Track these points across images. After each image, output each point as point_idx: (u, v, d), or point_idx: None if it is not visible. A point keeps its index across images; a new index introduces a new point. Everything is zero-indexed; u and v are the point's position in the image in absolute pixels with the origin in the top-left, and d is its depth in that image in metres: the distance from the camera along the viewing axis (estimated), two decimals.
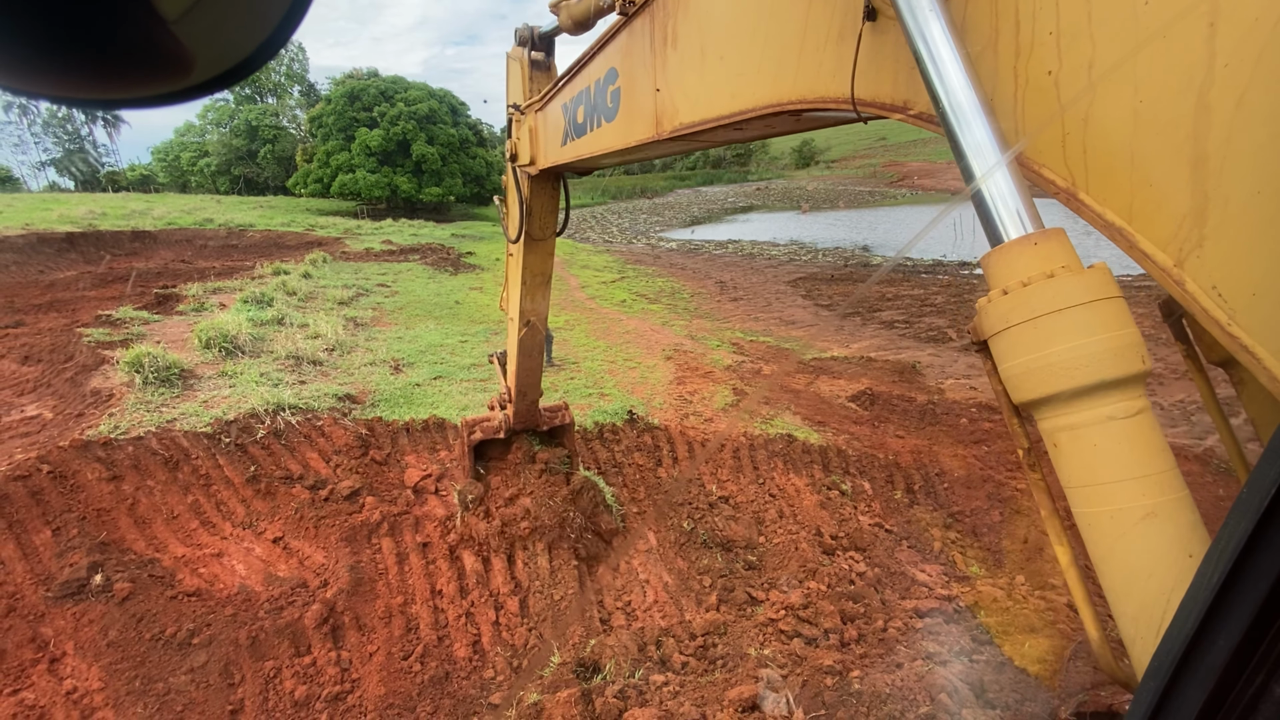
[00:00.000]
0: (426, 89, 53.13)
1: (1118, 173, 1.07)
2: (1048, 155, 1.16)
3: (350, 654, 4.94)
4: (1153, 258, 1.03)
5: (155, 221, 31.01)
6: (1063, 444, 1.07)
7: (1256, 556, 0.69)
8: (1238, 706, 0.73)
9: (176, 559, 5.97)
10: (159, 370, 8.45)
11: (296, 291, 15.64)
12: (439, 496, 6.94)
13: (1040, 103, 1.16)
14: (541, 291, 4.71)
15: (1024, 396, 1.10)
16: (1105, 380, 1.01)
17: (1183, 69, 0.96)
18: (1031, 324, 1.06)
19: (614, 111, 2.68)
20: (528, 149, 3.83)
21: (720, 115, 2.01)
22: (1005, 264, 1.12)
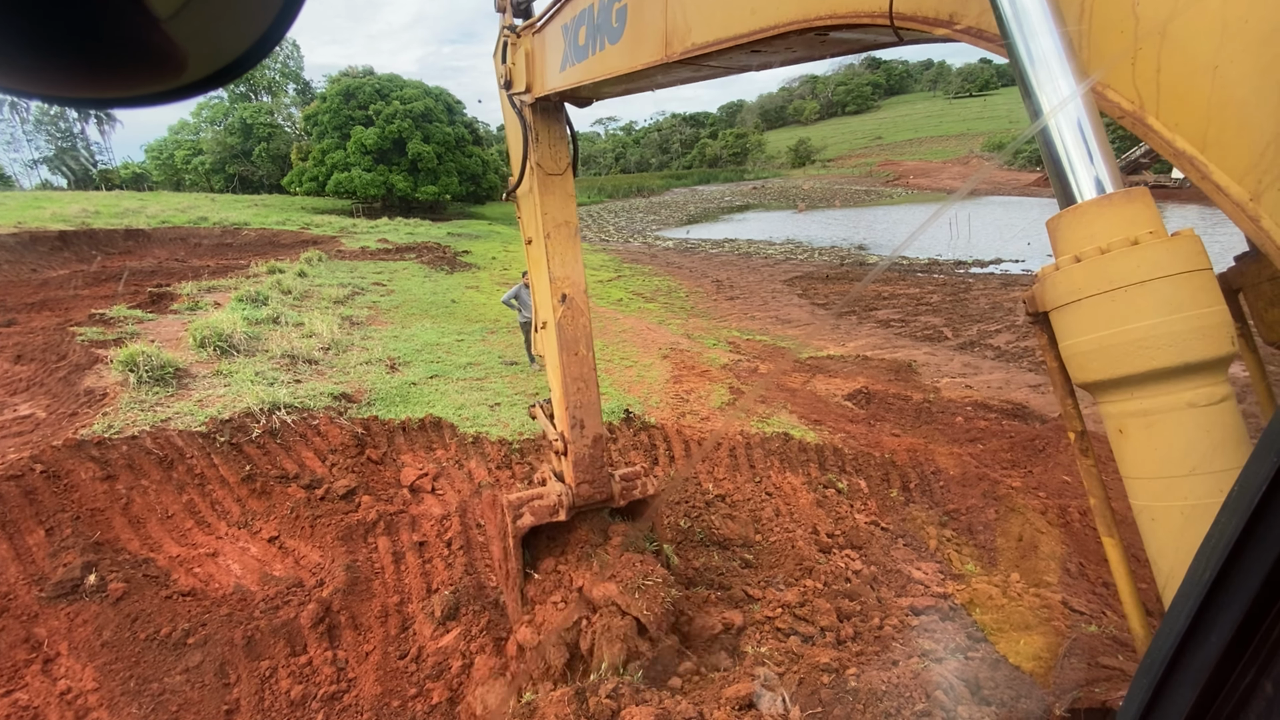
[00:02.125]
0: (422, 87, 52.98)
1: (1195, 93, 0.93)
2: (1116, 75, 1.01)
3: (346, 653, 4.93)
4: (1226, 190, 0.92)
5: (149, 220, 30.84)
6: (1131, 431, 0.98)
7: (1248, 554, 0.69)
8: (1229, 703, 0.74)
9: (171, 559, 5.95)
10: (153, 369, 8.41)
11: (292, 290, 15.59)
12: (435, 495, 6.94)
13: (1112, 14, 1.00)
14: (570, 248, 3.71)
15: (1090, 376, 1.00)
16: (1189, 363, 0.90)
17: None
18: (1108, 296, 0.95)
19: (619, 32, 2.46)
20: (523, 74, 3.46)
21: (737, 34, 1.81)
22: (1080, 227, 0.99)
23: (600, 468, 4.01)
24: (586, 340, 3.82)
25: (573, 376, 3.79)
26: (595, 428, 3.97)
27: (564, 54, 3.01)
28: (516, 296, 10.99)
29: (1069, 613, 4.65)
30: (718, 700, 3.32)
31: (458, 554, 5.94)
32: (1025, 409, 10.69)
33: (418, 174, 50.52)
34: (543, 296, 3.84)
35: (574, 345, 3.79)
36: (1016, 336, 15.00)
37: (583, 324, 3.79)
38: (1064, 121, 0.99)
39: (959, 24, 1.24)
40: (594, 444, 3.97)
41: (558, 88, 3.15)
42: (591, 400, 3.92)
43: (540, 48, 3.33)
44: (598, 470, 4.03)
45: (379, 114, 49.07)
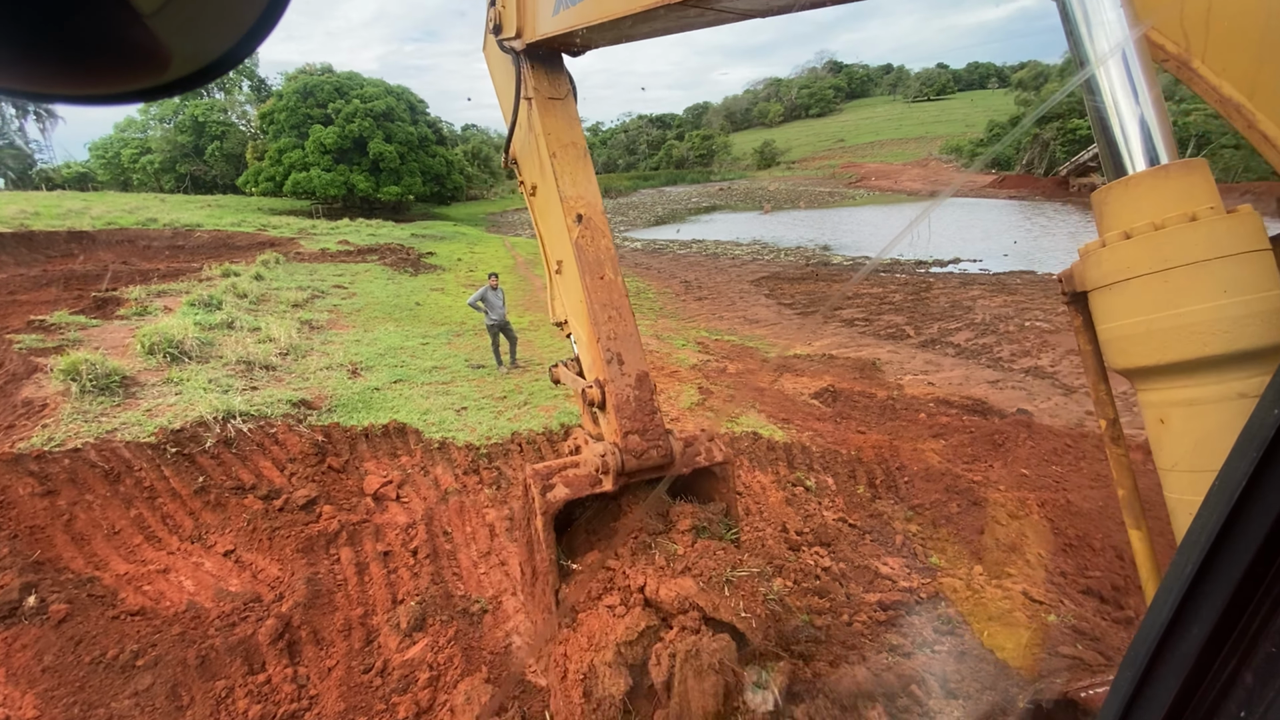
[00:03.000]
0: (383, 85, 52.02)
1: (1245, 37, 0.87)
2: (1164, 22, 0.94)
3: (308, 669, 4.76)
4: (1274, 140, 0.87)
5: (94, 221, 29.53)
6: (1174, 420, 0.91)
7: (1228, 548, 0.70)
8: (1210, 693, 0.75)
9: (119, 577, 5.67)
10: (98, 378, 8.02)
11: (247, 294, 15.09)
12: (400, 503, 6.77)
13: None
14: (580, 167, 3.16)
15: (1133, 362, 0.93)
16: (1244, 350, 0.83)
17: None
18: (1161, 276, 0.87)
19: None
20: (514, 18, 3.10)
21: None
22: (1131, 201, 0.91)
23: (651, 414, 2.97)
24: (612, 264, 3.12)
25: (601, 303, 3.02)
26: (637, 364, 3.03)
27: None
28: (483, 298, 10.82)
29: (1030, 603, 4.77)
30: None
31: (424, 563, 5.80)
32: (985, 404, 10.97)
33: (379, 174, 49.60)
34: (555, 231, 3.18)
35: (598, 268, 3.07)
36: (975, 334, 15.40)
37: (604, 245, 3.12)
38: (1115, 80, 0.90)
39: None
40: (639, 384, 2.99)
41: (551, 32, 2.84)
42: (628, 331, 3.07)
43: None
44: (648, 417, 2.95)
45: (338, 113, 48.01)
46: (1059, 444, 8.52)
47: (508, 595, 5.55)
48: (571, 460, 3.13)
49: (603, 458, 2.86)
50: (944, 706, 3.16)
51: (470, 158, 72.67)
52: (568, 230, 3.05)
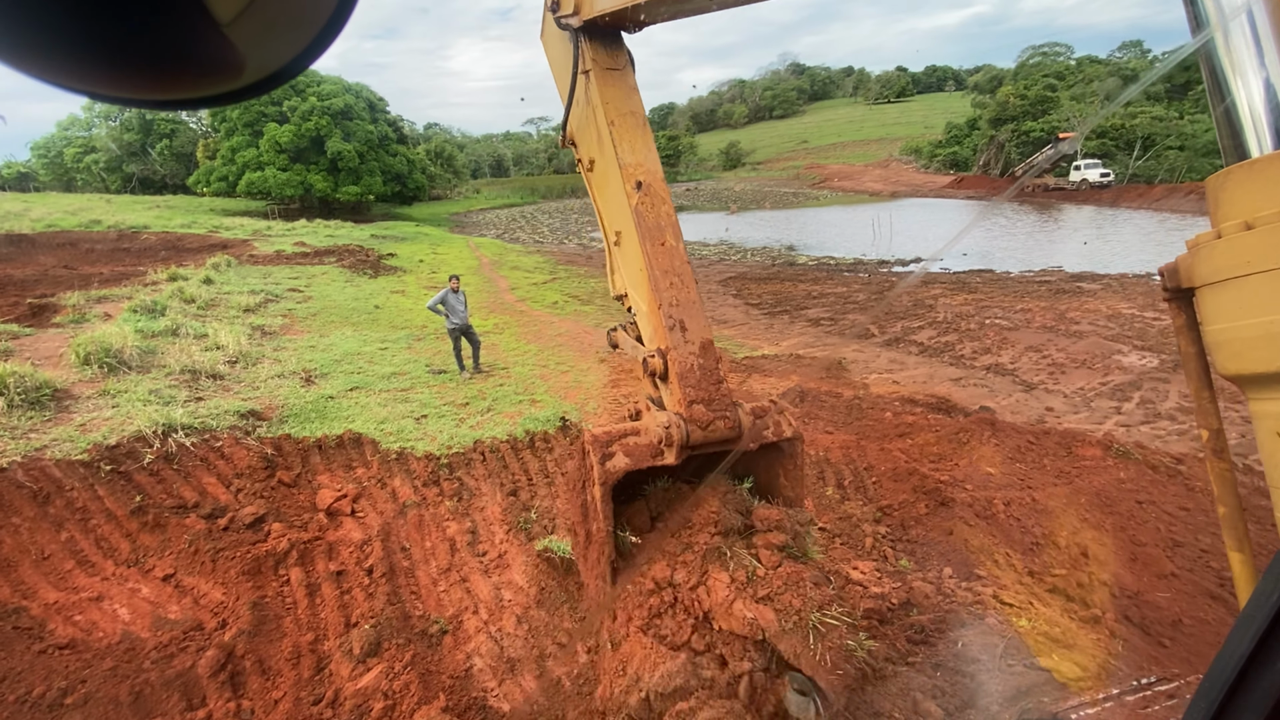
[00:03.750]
0: (341, 83, 50.73)
1: None
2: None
3: (252, 703, 4.46)
4: None
5: (33, 224, 28.09)
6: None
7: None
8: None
9: (47, 606, 5.27)
10: (26, 391, 7.50)
11: (195, 299, 14.42)
12: (355, 518, 6.47)
13: None
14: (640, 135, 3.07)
15: (1248, 367, 0.83)
16: None
17: None
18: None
19: None
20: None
21: None
22: (1255, 186, 0.80)
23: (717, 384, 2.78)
24: (674, 230, 3.01)
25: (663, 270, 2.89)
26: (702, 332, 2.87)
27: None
28: (443, 301, 10.50)
29: (1001, 605, 4.75)
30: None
31: (379, 582, 5.52)
32: (949, 402, 11.10)
33: (338, 173, 48.35)
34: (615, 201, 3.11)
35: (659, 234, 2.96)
36: (938, 332, 15.63)
37: (665, 212, 3.02)
38: (1241, 48, 0.77)
39: None
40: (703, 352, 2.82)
41: (608, 8, 2.74)
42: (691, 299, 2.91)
43: None
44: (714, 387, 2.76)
45: (294, 110, 46.63)
46: (1021, 441, 8.64)
47: (469, 614, 5.32)
48: (632, 428, 2.89)
49: (666, 429, 2.63)
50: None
51: (433, 157, 71.39)
52: (627, 197, 2.94)
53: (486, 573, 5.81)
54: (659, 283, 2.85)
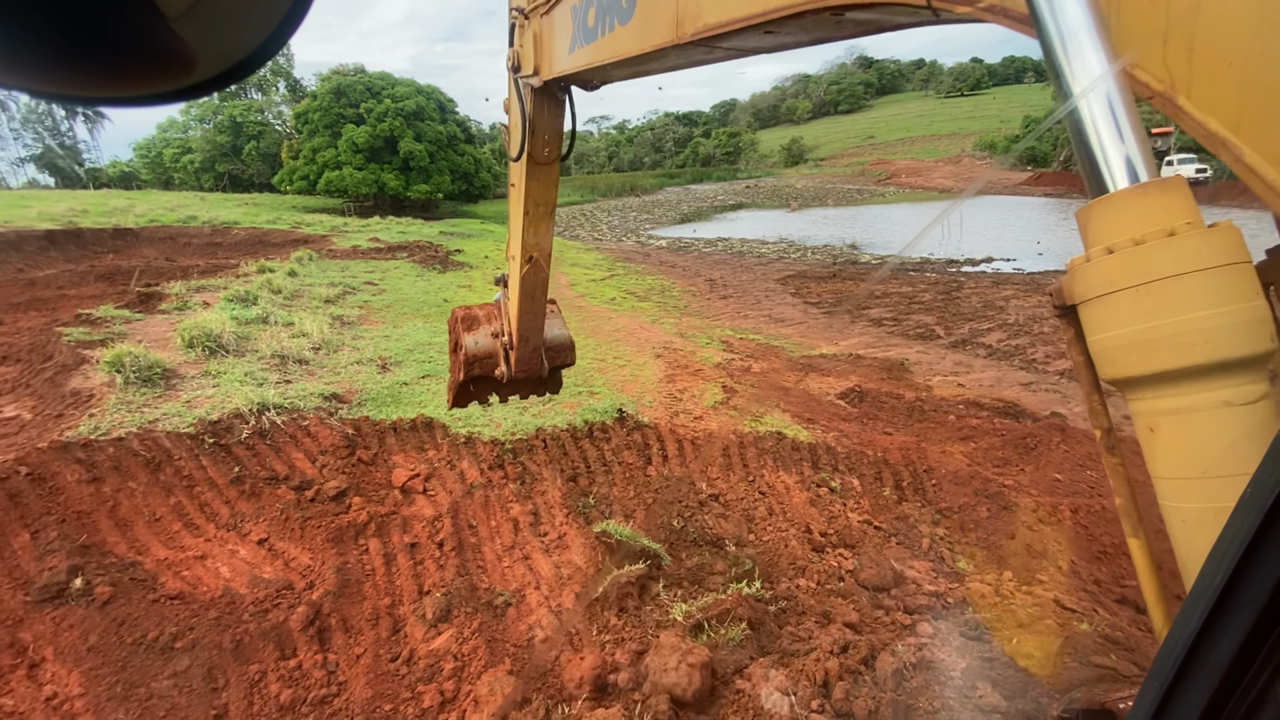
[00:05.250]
0: (414, 85, 52.74)
1: (1229, 74, 0.90)
2: (1148, 56, 0.97)
3: (337, 656, 4.88)
4: (1260, 173, 0.88)
5: (137, 219, 30.56)
6: (1163, 429, 0.94)
7: (1260, 556, 0.68)
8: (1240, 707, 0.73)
9: (159, 562, 5.88)
10: (140, 370, 8.32)
11: (282, 290, 15.46)
12: (427, 496, 6.89)
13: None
14: (545, 224, 4.19)
15: (1120, 372, 0.97)
16: (1227, 359, 0.87)
17: None
18: (1142, 290, 0.91)
19: (629, 12, 2.40)
20: (531, 57, 3.44)
21: (751, 14, 1.74)
22: (1112, 217, 0.95)
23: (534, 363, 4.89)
24: (543, 289, 4.46)
25: (527, 312, 4.56)
26: (535, 340, 4.80)
27: (573, 36, 2.95)
28: None
29: (1061, 610, 4.66)
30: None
31: (449, 555, 5.90)
32: (1017, 407, 10.73)
33: (409, 172, 50.32)
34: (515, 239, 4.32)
35: (531, 292, 4.43)
36: (1008, 335, 15.06)
37: (541, 279, 4.38)
38: (1096, 106, 0.95)
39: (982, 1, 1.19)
40: (533, 351, 4.82)
41: (566, 70, 3.09)
42: (537, 325, 4.74)
43: (549, 30, 3.27)
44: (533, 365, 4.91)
45: (370, 112, 48.82)
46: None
47: (531, 590, 5.62)
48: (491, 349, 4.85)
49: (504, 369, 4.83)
50: (971, 714, 3.11)
51: (497, 156, 73.39)
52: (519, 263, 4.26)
53: (547, 552, 6.11)
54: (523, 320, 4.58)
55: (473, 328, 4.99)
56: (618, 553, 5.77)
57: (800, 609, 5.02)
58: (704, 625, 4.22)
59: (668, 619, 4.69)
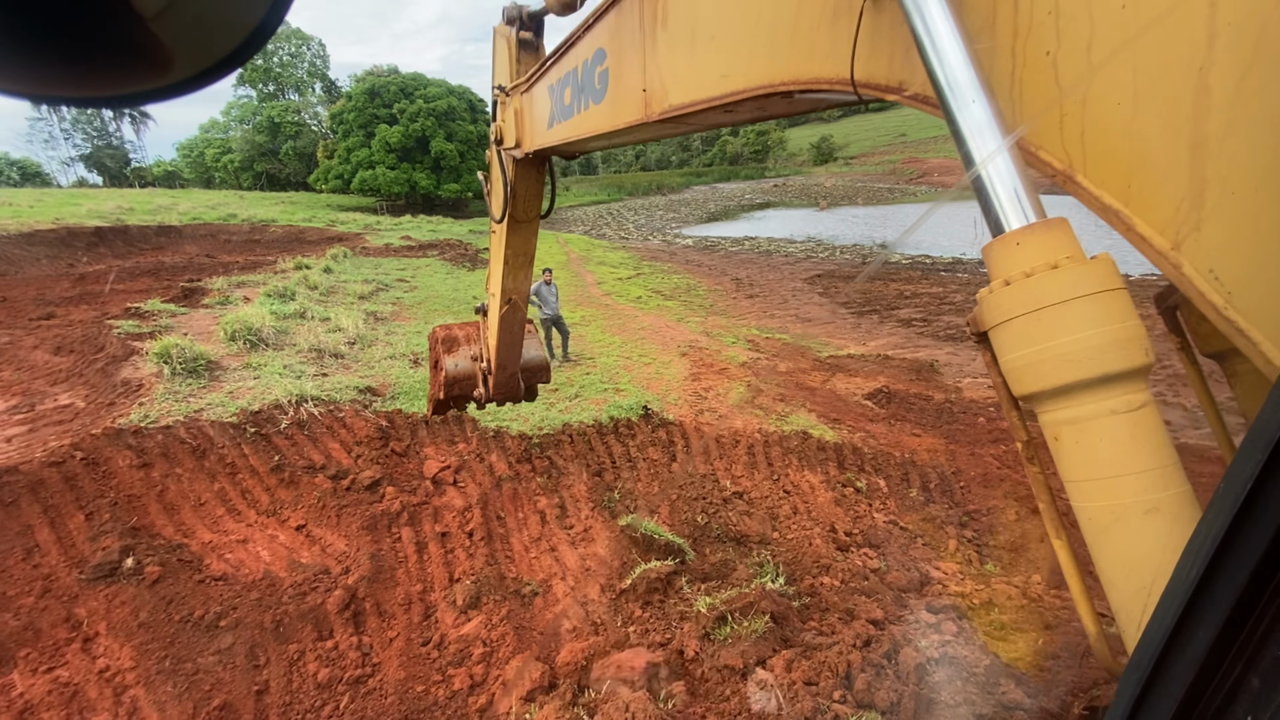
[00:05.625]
0: (445, 85, 53.54)
1: (1116, 154, 1.05)
2: (1044, 137, 1.14)
3: (371, 639, 5.06)
4: (1150, 241, 1.02)
5: (180, 216, 31.62)
6: (1064, 438, 1.05)
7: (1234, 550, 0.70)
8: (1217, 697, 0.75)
9: (204, 544, 6.14)
10: (186, 361, 8.66)
11: (318, 286, 15.90)
12: (457, 488, 7.06)
13: (1039, 84, 1.14)
14: (524, 271, 4.58)
15: (1025, 389, 1.09)
16: (1108, 373, 0.99)
17: (1183, 49, 0.95)
18: (1034, 315, 1.04)
19: (602, 93, 2.61)
20: (513, 131, 3.74)
21: (711, 97, 1.94)
22: (1007, 254, 1.10)
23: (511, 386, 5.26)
24: (520, 327, 4.94)
25: (505, 345, 4.97)
26: (512, 368, 5.17)
27: (551, 112, 3.20)
28: (536, 293, 11.09)
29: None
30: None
31: (479, 545, 6.05)
32: None
33: (440, 172, 51.11)
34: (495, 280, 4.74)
35: (510, 329, 4.89)
36: None
37: (519, 318, 4.86)
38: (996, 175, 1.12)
39: (908, 90, 1.36)
40: (510, 377, 5.20)
41: (545, 144, 3.35)
42: (515, 356, 5.14)
43: (529, 106, 3.56)
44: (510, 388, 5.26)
45: (403, 112, 49.70)
46: None
47: (557, 580, 5.73)
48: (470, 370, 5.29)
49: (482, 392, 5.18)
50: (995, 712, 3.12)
51: None
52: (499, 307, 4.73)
53: (573, 544, 6.22)
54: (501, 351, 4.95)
55: (453, 349, 5.45)
56: (642, 547, 5.86)
57: (824, 605, 5.05)
58: (727, 617, 4.28)
59: (691, 611, 4.76)
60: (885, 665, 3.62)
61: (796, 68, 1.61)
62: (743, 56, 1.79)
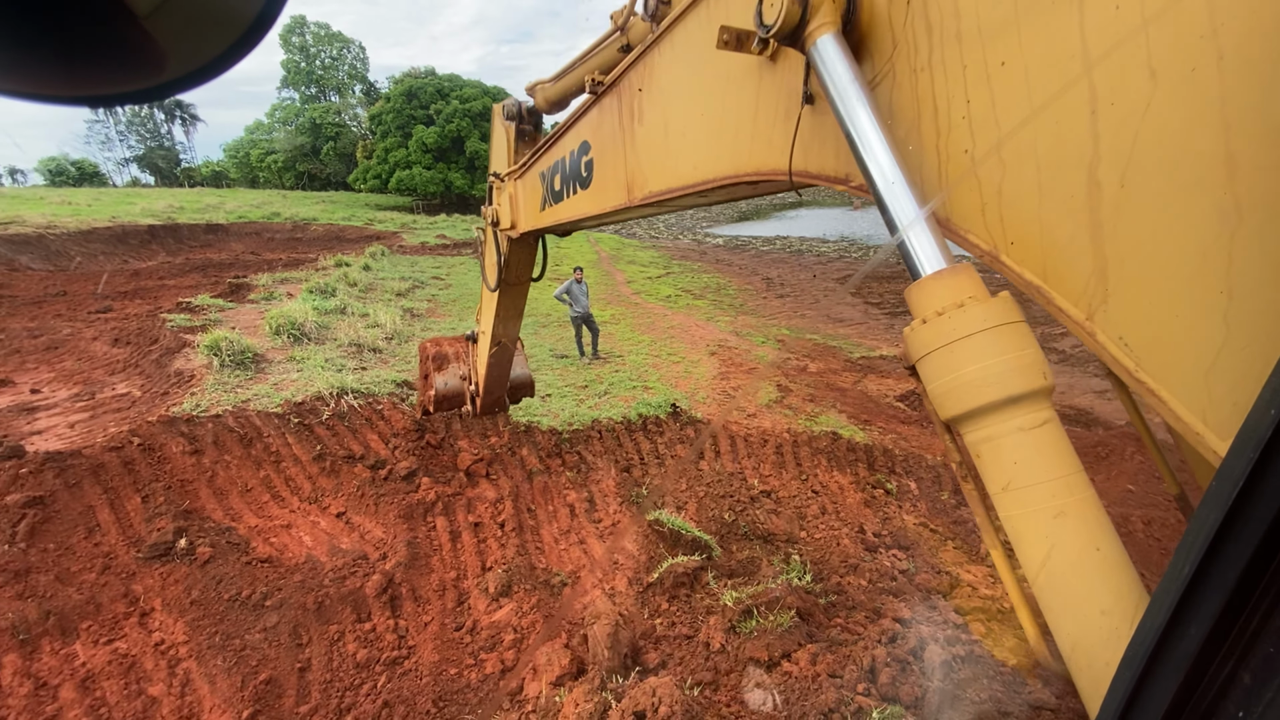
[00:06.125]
0: (480, 86, 54.31)
1: (1030, 238, 1.20)
2: (972, 223, 1.31)
3: (407, 623, 5.24)
4: (1067, 313, 1.16)
5: (227, 215, 32.77)
6: (984, 454, 1.16)
7: (1226, 548, 0.71)
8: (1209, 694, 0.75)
9: (250, 528, 6.42)
10: (234, 354, 9.04)
11: (357, 283, 16.35)
12: (489, 480, 7.23)
13: (960, 175, 1.32)
14: (515, 321, 5.08)
15: (948, 413, 1.20)
16: (1012, 395, 1.10)
17: (1073, 148, 1.11)
18: (947, 349, 1.16)
19: (588, 180, 2.84)
20: (508, 214, 4.04)
21: (685, 185, 2.15)
22: (923, 297, 1.24)
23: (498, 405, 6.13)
24: (508, 362, 5.59)
25: (492, 379, 5.57)
26: (498, 392, 5.93)
27: (543, 197, 3.45)
28: (568, 292, 11.25)
29: None
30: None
31: (510, 535, 6.20)
32: (1089, 415, 10.28)
33: (474, 171, 51.86)
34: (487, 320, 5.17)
35: (498, 365, 5.48)
36: None
37: (507, 357, 5.45)
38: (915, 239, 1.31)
39: (852, 182, 1.56)
40: (496, 399, 6.03)
41: (538, 225, 3.65)
42: (502, 384, 5.83)
43: (522, 191, 3.83)
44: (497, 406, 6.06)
45: (439, 113, 50.59)
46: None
47: (586, 572, 5.85)
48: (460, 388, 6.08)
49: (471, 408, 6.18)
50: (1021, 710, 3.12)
51: None
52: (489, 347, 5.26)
53: (602, 538, 6.34)
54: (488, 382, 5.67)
55: (443, 367, 6.07)
56: (669, 542, 5.94)
57: (850, 604, 5.06)
58: (753, 611, 4.34)
59: (717, 605, 4.82)
60: (911, 661, 3.63)
61: (757, 161, 1.84)
62: (710, 151, 2.01)
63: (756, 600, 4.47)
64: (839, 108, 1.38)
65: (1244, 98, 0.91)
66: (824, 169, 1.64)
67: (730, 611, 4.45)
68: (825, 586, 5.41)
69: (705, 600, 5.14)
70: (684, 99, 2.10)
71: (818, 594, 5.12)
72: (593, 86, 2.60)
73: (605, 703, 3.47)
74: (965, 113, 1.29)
